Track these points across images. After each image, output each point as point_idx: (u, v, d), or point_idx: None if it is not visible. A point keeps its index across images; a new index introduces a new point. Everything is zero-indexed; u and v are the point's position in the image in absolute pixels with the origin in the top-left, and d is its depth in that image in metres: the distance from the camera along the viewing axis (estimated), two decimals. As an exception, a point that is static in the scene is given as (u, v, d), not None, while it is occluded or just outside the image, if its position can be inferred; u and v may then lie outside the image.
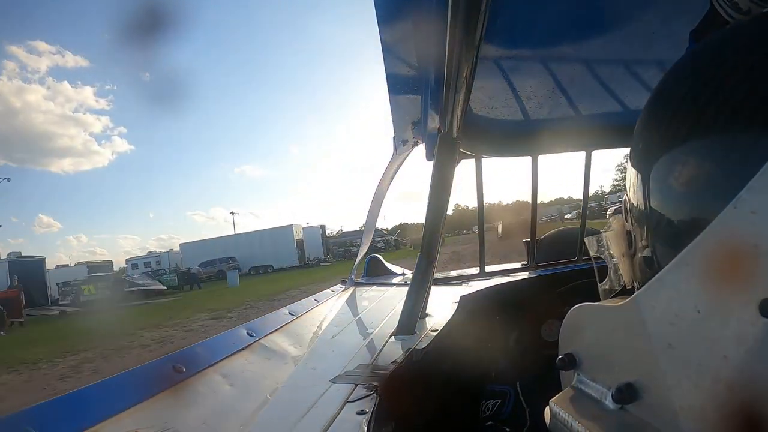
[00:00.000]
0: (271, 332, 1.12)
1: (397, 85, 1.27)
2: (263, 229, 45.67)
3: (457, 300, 1.44)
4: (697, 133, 0.42)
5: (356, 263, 2.29)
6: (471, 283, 1.82)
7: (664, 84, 0.51)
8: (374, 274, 2.38)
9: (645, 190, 0.48)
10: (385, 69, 1.16)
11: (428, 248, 1.28)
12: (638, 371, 0.43)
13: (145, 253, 50.82)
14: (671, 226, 0.44)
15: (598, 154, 1.78)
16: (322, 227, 52.47)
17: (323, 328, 1.31)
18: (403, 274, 2.33)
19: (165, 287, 27.35)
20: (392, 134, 1.64)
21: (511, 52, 1.16)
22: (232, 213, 64.13)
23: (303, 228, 47.13)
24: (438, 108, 1.22)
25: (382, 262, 2.47)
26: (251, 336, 1.04)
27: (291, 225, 43.79)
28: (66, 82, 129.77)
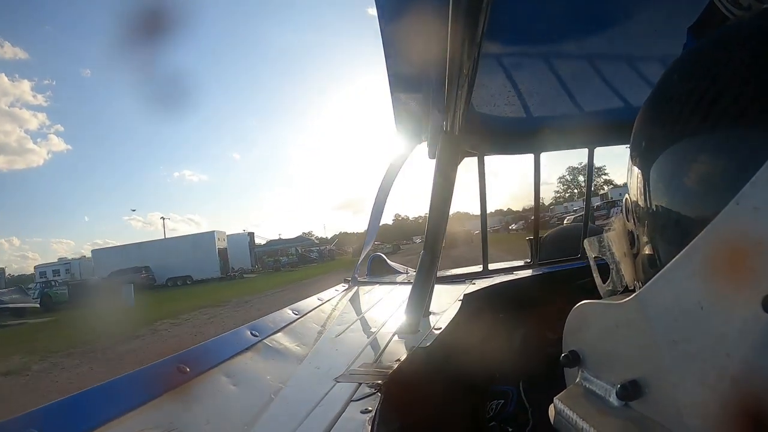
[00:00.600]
0: (275, 332, 1.12)
1: (399, 84, 1.27)
2: (183, 236, 41.64)
3: (461, 298, 1.44)
4: (700, 129, 0.41)
5: (359, 262, 2.29)
6: (474, 281, 1.83)
7: (666, 80, 0.50)
8: (377, 273, 2.38)
9: (647, 187, 0.48)
10: (386, 68, 1.15)
11: (431, 246, 1.28)
12: (642, 368, 0.43)
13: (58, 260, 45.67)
14: (674, 223, 0.44)
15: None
16: (250, 234, 49.66)
17: (327, 327, 1.31)
18: (407, 273, 2.34)
19: (38, 306, 22.72)
20: (392, 134, 1.64)
21: (512, 49, 1.15)
22: (163, 218, 58.06)
23: (228, 235, 44.30)
24: (440, 106, 1.21)
25: (386, 261, 2.47)
26: (255, 336, 1.05)
27: (213, 231, 40.07)
28: (3, 74, 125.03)
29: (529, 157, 1.78)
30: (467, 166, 1.70)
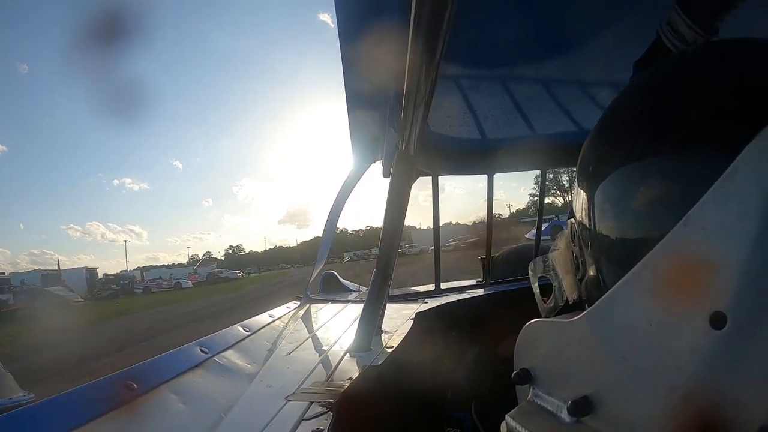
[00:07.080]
0: (225, 349, 1.09)
1: (356, 102, 1.27)
2: None
3: (413, 317, 1.45)
4: (648, 154, 0.43)
5: (312, 279, 2.26)
6: (427, 299, 1.84)
7: (615, 107, 0.53)
8: (329, 290, 2.36)
9: (593, 210, 0.49)
10: (345, 86, 1.16)
11: (384, 265, 1.28)
12: (593, 384, 0.44)
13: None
14: (619, 244, 0.46)
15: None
16: None
17: (278, 344, 1.28)
18: (359, 290, 2.33)
19: None
20: (350, 150, 1.64)
21: (470, 72, 1.18)
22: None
23: None
24: (396, 125, 1.22)
25: (338, 278, 2.45)
26: (205, 353, 1.02)
27: None
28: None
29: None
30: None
